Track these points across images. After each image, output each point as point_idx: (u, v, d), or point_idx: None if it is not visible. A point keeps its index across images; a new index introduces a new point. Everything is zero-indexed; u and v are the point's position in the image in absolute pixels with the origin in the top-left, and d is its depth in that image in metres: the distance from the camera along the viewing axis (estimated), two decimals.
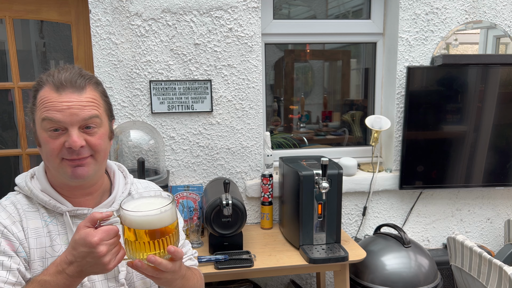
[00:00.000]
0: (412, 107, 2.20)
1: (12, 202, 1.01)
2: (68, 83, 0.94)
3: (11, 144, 2.59)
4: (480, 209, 2.44)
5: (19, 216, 0.98)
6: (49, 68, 1.01)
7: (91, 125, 0.96)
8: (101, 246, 0.82)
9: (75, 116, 0.93)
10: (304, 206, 1.83)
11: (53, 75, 0.95)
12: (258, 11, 2.08)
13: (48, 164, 0.99)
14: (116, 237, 0.85)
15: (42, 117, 0.93)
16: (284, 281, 2.37)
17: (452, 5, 2.20)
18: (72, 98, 0.93)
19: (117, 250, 0.86)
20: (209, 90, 2.10)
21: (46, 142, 0.94)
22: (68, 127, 0.93)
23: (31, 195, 1.01)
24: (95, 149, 0.97)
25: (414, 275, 1.82)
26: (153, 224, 0.84)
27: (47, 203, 1.00)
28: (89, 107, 0.95)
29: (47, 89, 0.94)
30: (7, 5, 1.98)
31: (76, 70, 0.97)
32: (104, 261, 0.83)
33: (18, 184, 1.04)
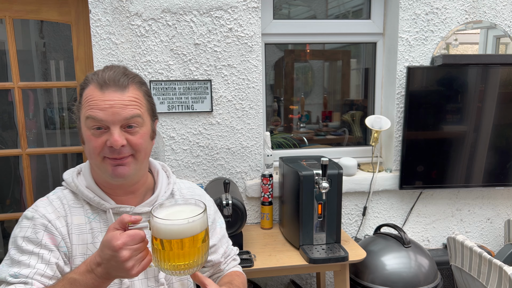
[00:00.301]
0: (412, 107, 2.20)
1: (58, 197, 1.03)
2: (111, 82, 0.95)
3: (11, 144, 2.59)
4: (480, 209, 2.44)
5: (64, 211, 1.01)
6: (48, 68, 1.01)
7: (133, 124, 0.96)
8: (124, 250, 0.80)
9: (117, 115, 0.93)
10: (304, 206, 1.83)
11: (98, 74, 0.96)
12: (258, 11, 2.08)
13: (91, 161, 1.01)
14: (142, 243, 0.83)
15: (86, 115, 0.95)
16: (284, 281, 2.37)
17: (452, 5, 2.20)
18: (115, 97, 0.94)
19: (142, 256, 0.84)
20: (209, 90, 2.10)
21: (89, 140, 0.96)
22: (110, 125, 0.94)
23: (76, 191, 1.03)
24: (136, 148, 0.97)
25: (414, 275, 1.82)
26: (179, 234, 0.81)
27: (92, 200, 1.02)
28: (131, 106, 0.95)
29: (91, 87, 0.96)
30: (7, 5, 1.98)
31: (121, 69, 0.98)
32: (126, 266, 0.81)
33: (65, 180, 1.06)
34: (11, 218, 2.49)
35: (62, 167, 2.87)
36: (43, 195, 1.07)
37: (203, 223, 0.85)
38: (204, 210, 0.85)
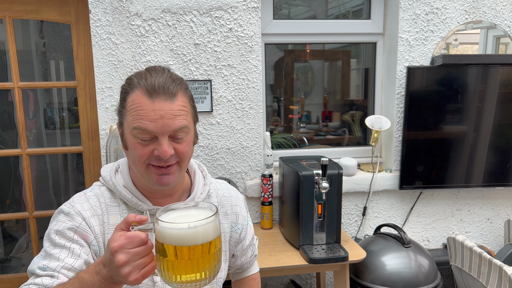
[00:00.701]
0: (412, 107, 2.20)
1: (96, 194, 1.02)
2: (161, 90, 0.91)
3: (11, 144, 2.59)
4: (480, 209, 2.44)
5: (100, 209, 0.99)
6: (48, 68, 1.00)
7: (181, 135, 0.94)
8: (120, 254, 0.74)
9: (166, 126, 0.91)
10: (304, 206, 1.84)
11: (145, 78, 0.92)
12: (258, 11, 2.08)
13: (134, 167, 0.98)
14: (143, 247, 0.76)
15: (134, 125, 0.91)
16: (284, 281, 2.37)
17: (452, 5, 2.20)
18: (165, 106, 0.91)
19: (143, 263, 0.76)
20: (209, 90, 2.10)
21: (134, 148, 0.94)
22: (159, 136, 0.91)
23: (114, 189, 1.02)
24: (182, 156, 0.96)
25: (414, 275, 1.82)
26: (183, 240, 0.72)
27: (129, 200, 1.01)
28: (181, 117, 0.93)
29: (138, 93, 0.92)
30: (7, 5, 1.98)
31: (167, 74, 0.95)
32: (122, 272, 0.74)
33: (103, 177, 1.04)
34: (11, 218, 2.49)
35: (62, 167, 2.87)
36: (43, 195, 1.06)
37: (214, 229, 0.75)
38: (215, 214, 0.75)
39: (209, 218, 0.74)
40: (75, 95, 2.15)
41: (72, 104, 2.86)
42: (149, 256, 0.78)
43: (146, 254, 0.77)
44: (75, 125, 2.83)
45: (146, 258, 0.77)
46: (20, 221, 2.75)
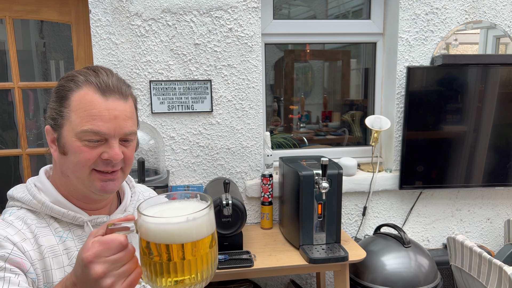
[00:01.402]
0: (412, 107, 2.20)
1: (18, 217, 0.86)
2: (115, 88, 0.85)
3: (11, 144, 2.59)
4: (480, 209, 2.44)
5: (30, 232, 0.84)
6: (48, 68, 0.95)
7: (129, 138, 0.89)
8: (96, 265, 0.62)
9: (119, 129, 0.85)
10: (304, 206, 1.84)
11: (95, 76, 0.85)
12: (258, 11, 2.08)
13: (73, 174, 0.87)
14: (123, 252, 0.64)
15: (84, 128, 0.82)
16: (284, 281, 2.37)
17: (452, 5, 2.20)
18: (119, 106, 0.85)
19: (127, 270, 0.65)
20: (209, 90, 2.10)
21: (78, 152, 0.84)
22: (109, 138, 0.84)
23: (41, 208, 0.88)
24: (127, 162, 0.90)
25: (414, 275, 1.82)
26: (177, 237, 0.62)
27: (65, 215, 0.88)
28: (131, 120, 0.88)
29: (88, 91, 0.83)
30: (7, 5, 1.98)
31: (117, 76, 0.89)
32: (103, 285, 0.62)
33: (19, 198, 0.89)
34: None
35: None
36: None
37: (210, 222, 0.66)
38: (210, 205, 0.66)
39: (205, 209, 0.65)
40: None
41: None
42: (133, 262, 0.66)
43: (128, 261, 0.65)
44: None
45: (129, 265, 0.65)
46: None
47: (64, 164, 0.88)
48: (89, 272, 0.62)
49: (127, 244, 0.64)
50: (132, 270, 0.66)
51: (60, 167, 0.90)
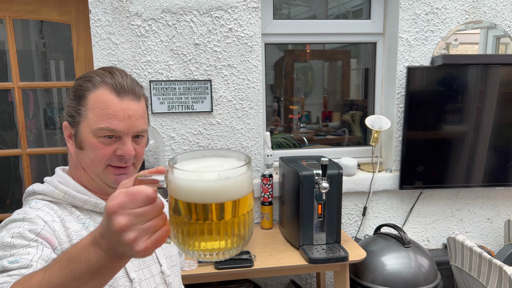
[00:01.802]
0: (412, 107, 2.20)
1: (44, 204, 0.92)
2: (129, 89, 0.92)
3: (11, 144, 2.59)
4: (480, 209, 2.44)
5: (58, 217, 0.90)
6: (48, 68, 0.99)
7: (141, 135, 0.96)
8: (119, 216, 0.56)
9: (132, 127, 0.92)
10: (304, 206, 1.83)
11: (110, 77, 0.91)
12: (258, 11, 2.08)
13: (89, 168, 0.94)
14: (149, 206, 0.57)
15: (100, 126, 0.89)
16: (284, 281, 2.37)
17: (452, 5, 2.20)
18: (133, 106, 0.92)
19: (153, 226, 0.57)
20: (209, 90, 2.10)
21: (95, 148, 0.91)
22: (123, 136, 0.92)
23: (63, 197, 0.93)
24: (139, 158, 0.97)
25: (414, 275, 1.82)
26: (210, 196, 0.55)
27: (87, 201, 0.94)
28: (143, 119, 0.95)
29: (104, 91, 0.90)
30: (7, 5, 1.98)
31: (130, 76, 0.96)
32: (125, 239, 0.56)
33: (41, 191, 0.94)
34: None
35: None
36: None
37: (248, 181, 0.59)
38: (248, 163, 0.59)
39: (243, 167, 0.57)
40: None
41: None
42: (160, 218, 0.59)
43: (154, 216, 0.58)
44: None
45: (155, 221, 0.58)
46: None
47: (81, 158, 0.94)
48: (112, 223, 0.56)
49: (154, 198, 0.58)
50: (159, 227, 0.58)
51: (76, 161, 0.97)
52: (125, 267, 0.94)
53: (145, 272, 0.98)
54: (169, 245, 1.08)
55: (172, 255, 1.09)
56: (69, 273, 0.61)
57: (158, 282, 1.00)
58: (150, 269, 0.99)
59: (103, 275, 0.62)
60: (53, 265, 0.63)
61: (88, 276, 0.61)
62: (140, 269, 0.97)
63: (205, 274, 1.68)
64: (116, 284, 0.89)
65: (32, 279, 0.62)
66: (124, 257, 0.61)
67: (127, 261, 0.64)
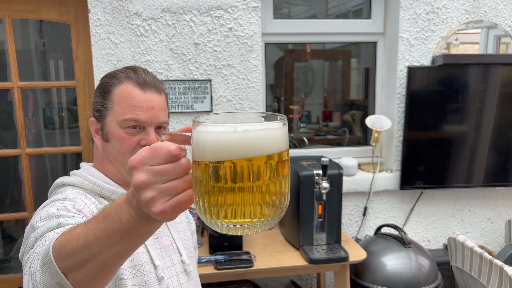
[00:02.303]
0: (412, 107, 2.19)
1: (77, 193, 0.96)
2: (151, 83, 0.98)
3: (11, 144, 2.58)
4: (480, 209, 2.43)
5: (93, 203, 0.96)
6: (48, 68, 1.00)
7: (163, 126, 1.01)
8: (138, 171, 0.52)
9: (155, 118, 0.97)
10: (304, 206, 1.83)
11: (134, 74, 0.98)
12: (258, 11, 2.07)
13: (116, 160, 0.99)
14: (171, 164, 0.52)
15: (126, 117, 0.95)
16: (284, 281, 2.36)
17: (453, 5, 2.20)
18: (155, 98, 0.98)
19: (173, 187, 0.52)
20: (209, 90, 2.09)
21: (121, 139, 0.96)
22: (147, 126, 0.97)
23: (92, 188, 0.99)
24: None
25: (414, 275, 1.81)
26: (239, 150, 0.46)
27: (114, 192, 0.99)
28: (165, 111, 1.01)
29: (128, 86, 0.97)
30: (7, 5, 1.97)
31: (152, 74, 1.03)
32: (142, 197, 0.52)
33: (70, 182, 0.99)
34: (10, 218, 2.48)
35: (61, 167, 2.87)
36: (43, 196, 1.04)
37: (286, 137, 0.50)
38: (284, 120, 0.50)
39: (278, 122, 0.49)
40: (75, 95, 2.14)
41: (72, 104, 2.85)
42: (184, 180, 0.53)
43: (177, 177, 0.52)
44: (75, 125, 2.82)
45: (177, 182, 0.52)
46: (20, 221, 2.74)
47: (107, 150, 0.99)
48: (132, 179, 0.53)
49: (177, 156, 0.52)
50: (181, 190, 0.52)
51: (103, 154, 1.01)
52: (150, 254, 0.98)
53: (166, 260, 1.03)
54: (186, 238, 1.11)
55: (189, 247, 1.13)
56: (103, 230, 0.59)
57: (179, 270, 1.05)
58: (171, 258, 1.04)
59: (134, 236, 0.59)
60: (92, 220, 0.62)
61: (119, 236, 0.58)
62: (162, 258, 1.02)
63: (205, 274, 1.67)
64: (143, 269, 0.95)
65: (74, 231, 0.63)
66: (150, 219, 0.55)
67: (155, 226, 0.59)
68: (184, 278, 1.05)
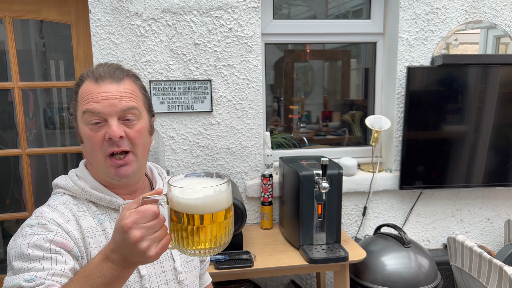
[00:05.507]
0: (412, 107, 2.20)
1: (61, 202, 0.97)
2: (107, 74, 0.95)
3: (11, 144, 2.59)
4: (480, 209, 2.44)
5: (72, 215, 0.95)
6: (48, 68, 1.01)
7: (130, 116, 0.95)
8: (134, 230, 0.71)
9: (113, 106, 0.93)
10: (304, 206, 1.83)
11: (93, 70, 0.97)
12: (258, 11, 2.08)
13: (92, 160, 0.98)
14: (156, 220, 0.74)
15: (83, 110, 0.94)
16: (284, 281, 2.37)
17: (452, 5, 2.20)
18: (111, 88, 0.94)
19: (159, 236, 0.74)
20: (209, 90, 2.09)
21: (88, 137, 0.94)
22: (107, 118, 0.93)
23: (81, 193, 0.98)
24: (133, 142, 0.96)
25: (414, 275, 1.82)
26: (206, 206, 0.73)
27: (102, 199, 0.98)
28: (128, 98, 0.95)
29: (87, 82, 0.96)
30: (7, 5, 1.97)
31: (115, 65, 1.00)
32: (140, 248, 0.72)
33: (62, 185, 1.00)
34: (11, 218, 2.49)
35: (62, 167, 2.87)
36: (43, 195, 1.04)
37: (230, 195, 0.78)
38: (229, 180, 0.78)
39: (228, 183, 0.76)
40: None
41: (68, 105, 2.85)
42: (163, 229, 0.76)
43: (160, 228, 0.75)
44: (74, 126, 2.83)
45: (161, 231, 0.75)
46: (20, 221, 2.75)
47: (85, 152, 0.99)
48: (128, 237, 0.71)
49: (159, 213, 0.74)
50: (163, 236, 0.75)
51: (85, 156, 1.02)
52: None
53: (156, 267, 1.02)
54: None
55: None
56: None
57: (169, 278, 1.03)
58: (162, 264, 1.03)
59: (116, 284, 0.78)
60: (72, 284, 0.79)
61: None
62: (152, 265, 1.01)
63: None
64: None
65: None
66: (134, 265, 0.78)
67: (135, 269, 0.80)
68: (175, 286, 1.04)
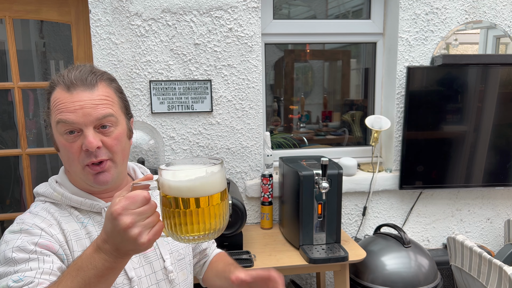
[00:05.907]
0: (412, 107, 2.20)
1: (42, 208, 0.95)
2: (78, 81, 0.90)
3: (11, 144, 2.59)
4: (480, 209, 2.44)
5: (54, 220, 0.93)
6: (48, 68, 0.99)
7: (107, 124, 0.91)
8: (123, 216, 0.68)
9: (88, 116, 0.88)
10: (304, 206, 1.83)
11: (64, 75, 0.92)
12: (258, 11, 2.08)
13: (70, 169, 0.95)
14: (147, 205, 0.70)
15: (56, 120, 0.90)
16: (284, 281, 2.37)
17: (452, 5, 2.20)
18: (84, 96, 0.89)
19: (151, 222, 0.71)
20: (209, 90, 2.10)
21: (64, 147, 0.91)
22: (82, 128, 0.89)
23: (61, 199, 0.96)
24: (112, 150, 0.93)
25: (414, 275, 1.82)
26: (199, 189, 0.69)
27: (83, 203, 0.96)
28: (103, 106, 0.91)
29: (58, 90, 0.91)
30: (7, 5, 1.98)
31: (87, 68, 0.94)
32: (131, 234, 0.68)
33: (42, 193, 0.98)
34: (11, 218, 2.49)
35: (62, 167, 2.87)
36: None
37: (224, 177, 0.74)
38: (222, 163, 0.75)
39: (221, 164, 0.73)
40: None
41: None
42: (155, 215, 0.72)
43: (151, 214, 0.71)
44: None
45: (153, 217, 0.71)
46: None
47: (62, 160, 0.96)
48: (118, 224, 0.68)
49: (150, 198, 0.71)
50: (155, 222, 0.72)
51: (63, 164, 0.98)
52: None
53: (146, 268, 0.99)
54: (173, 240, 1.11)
55: (178, 248, 1.09)
56: (80, 281, 0.73)
57: (160, 278, 1.01)
58: (152, 265, 1.00)
59: (110, 275, 0.75)
60: (64, 278, 0.75)
61: (97, 280, 0.73)
62: (141, 266, 0.99)
63: None
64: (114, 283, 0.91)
65: None
66: (127, 255, 0.74)
67: (128, 259, 0.76)
68: (166, 286, 1.02)
